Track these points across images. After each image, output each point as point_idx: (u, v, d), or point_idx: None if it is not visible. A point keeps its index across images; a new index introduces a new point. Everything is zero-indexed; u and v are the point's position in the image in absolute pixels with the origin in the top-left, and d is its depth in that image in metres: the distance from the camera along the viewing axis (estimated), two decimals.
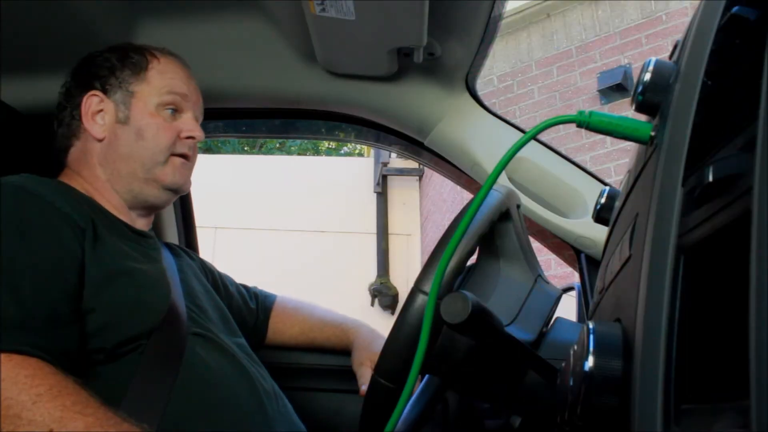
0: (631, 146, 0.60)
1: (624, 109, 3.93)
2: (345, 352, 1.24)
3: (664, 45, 3.95)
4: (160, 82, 1.07)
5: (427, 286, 0.72)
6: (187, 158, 1.09)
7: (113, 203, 1.05)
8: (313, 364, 1.31)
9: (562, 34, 4.53)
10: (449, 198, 5.25)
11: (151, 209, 1.11)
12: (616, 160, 3.91)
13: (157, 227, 1.50)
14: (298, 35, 1.18)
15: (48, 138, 1.14)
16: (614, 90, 4.06)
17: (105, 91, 1.06)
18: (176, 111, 1.07)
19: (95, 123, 1.06)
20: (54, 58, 1.19)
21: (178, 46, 1.15)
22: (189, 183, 1.10)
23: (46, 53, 1.22)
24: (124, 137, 1.04)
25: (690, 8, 3.94)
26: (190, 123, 1.08)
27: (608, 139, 3.92)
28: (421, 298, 0.72)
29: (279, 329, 1.31)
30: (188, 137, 1.07)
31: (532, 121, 4.43)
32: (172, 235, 1.58)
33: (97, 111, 1.06)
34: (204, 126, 1.13)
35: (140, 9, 1.21)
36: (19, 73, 1.24)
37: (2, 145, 1.23)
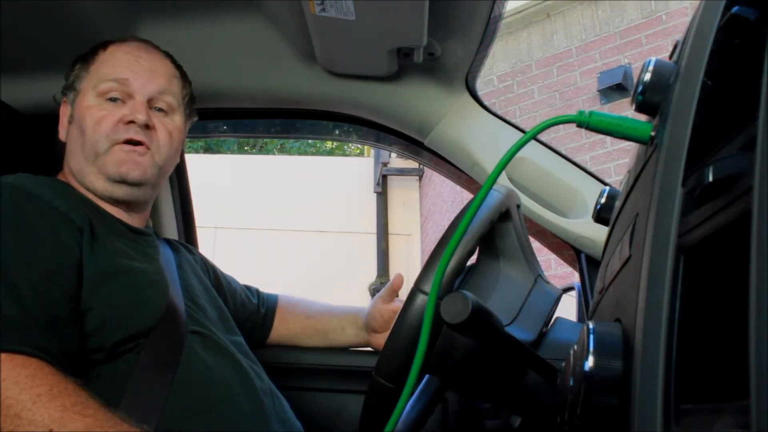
0: (631, 146, 0.60)
1: (624, 109, 3.94)
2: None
3: (664, 45, 3.96)
4: (99, 72, 1.04)
5: (427, 286, 0.72)
6: (137, 144, 1.01)
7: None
8: (313, 364, 1.31)
9: (562, 34, 4.53)
10: (449, 198, 5.25)
11: (126, 205, 1.04)
12: (616, 160, 3.91)
13: (156, 226, 1.50)
14: (298, 35, 1.18)
15: (48, 138, 1.14)
16: (614, 90, 4.07)
17: (66, 95, 1.08)
18: (120, 99, 1.02)
19: (63, 128, 1.08)
20: (54, 58, 1.19)
21: (178, 46, 1.15)
22: (141, 172, 1.01)
23: (46, 53, 1.22)
24: (71, 135, 1.05)
25: (690, 8, 3.94)
26: (134, 106, 1.01)
27: (608, 139, 3.92)
28: (421, 298, 0.72)
29: (286, 326, 1.31)
30: (129, 121, 1.00)
31: (532, 121, 4.43)
32: (171, 233, 1.58)
33: (65, 116, 1.08)
34: (204, 126, 1.13)
35: (140, 9, 1.21)
36: (19, 73, 1.24)
37: (2, 145, 1.23)
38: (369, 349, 1.31)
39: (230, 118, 1.51)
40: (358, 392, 1.14)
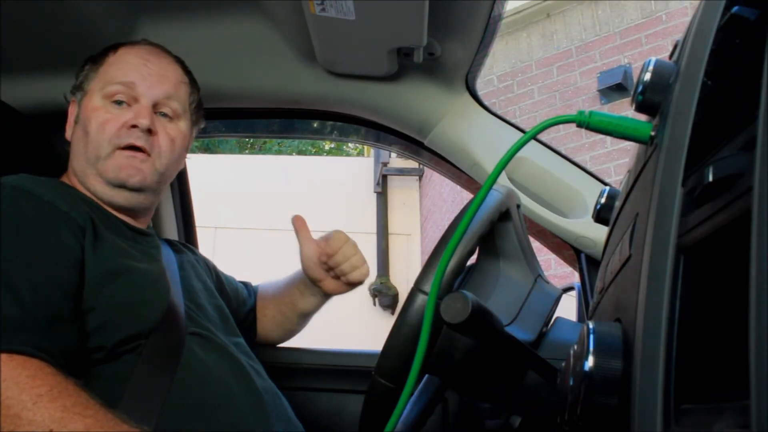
0: (631, 146, 0.60)
1: (624, 109, 3.94)
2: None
3: (664, 45, 3.96)
4: (107, 74, 1.04)
5: (427, 286, 0.72)
6: (139, 150, 1.01)
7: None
8: (314, 364, 1.31)
9: (562, 33, 4.53)
10: (449, 198, 5.25)
11: (126, 210, 1.04)
12: (616, 159, 3.91)
13: (157, 226, 1.50)
14: (298, 35, 1.18)
15: (48, 138, 1.14)
16: (614, 90, 4.07)
17: (74, 96, 1.08)
18: (125, 102, 1.02)
19: (69, 128, 1.08)
20: (54, 58, 1.19)
21: (178, 46, 1.15)
22: (140, 178, 1.01)
23: (46, 53, 1.22)
24: (76, 136, 1.05)
25: (690, 8, 3.94)
26: (137, 111, 1.01)
27: (608, 138, 3.92)
28: (421, 298, 0.72)
29: (264, 306, 1.30)
30: (132, 126, 1.00)
31: (532, 121, 4.43)
32: (171, 233, 1.58)
33: (73, 116, 1.08)
34: (204, 126, 1.13)
35: (140, 9, 1.21)
36: (19, 73, 1.24)
37: (2, 145, 1.23)
38: (369, 349, 1.31)
39: (230, 118, 1.51)
40: (358, 392, 1.14)
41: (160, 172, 1.04)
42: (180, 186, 1.61)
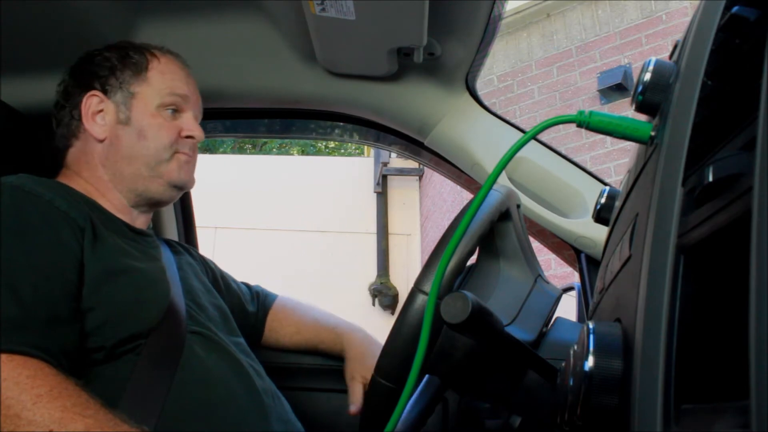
0: (630, 146, 0.60)
1: (624, 109, 3.94)
2: (339, 357, 1.23)
3: (664, 45, 3.96)
4: (161, 82, 1.07)
5: (427, 287, 0.72)
6: (189, 156, 1.10)
7: (114, 203, 1.05)
8: (314, 364, 1.31)
9: (562, 33, 4.54)
10: (449, 198, 5.25)
11: (155, 206, 1.12)
12: (616, 159, 3.91)
13: (156, 226, 1.50)
14: (298, 35, 1.18)
15: (48, 138, 1.14)
16: (614, 90, 4.07)
17: (105, 92, 1.06)
18: (176, 111, 1.08)
19: (95, 123, 1.05)
20: (54, 58, 1.18)
21: (178, 46, 1.15)
22: (193, 180, 1.11)
23: (46, 53, 1.22)
24: (125, 138, 1.04)
25: (690, 8, 3.95)
26: (190, 122, 1.09)
27: (608, 138, 3.93)
28: (421, 299, 0.72)
29: (275, 329, 1.30)
30: (188, 136, 1.08)
31: (532, 121, 4.43)
32: (171, 233, 1.58)
33: (97, 111, 1.05)
34: (204, 126, 1.13)
35: (140, 9, 1.21)
36: (19, 73, 1.24)
37: (2, 145, 1.23)
38: None
39: (230, 118, 1.51)
40: None
41: None
42: None
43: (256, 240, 6.26)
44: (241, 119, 1.52)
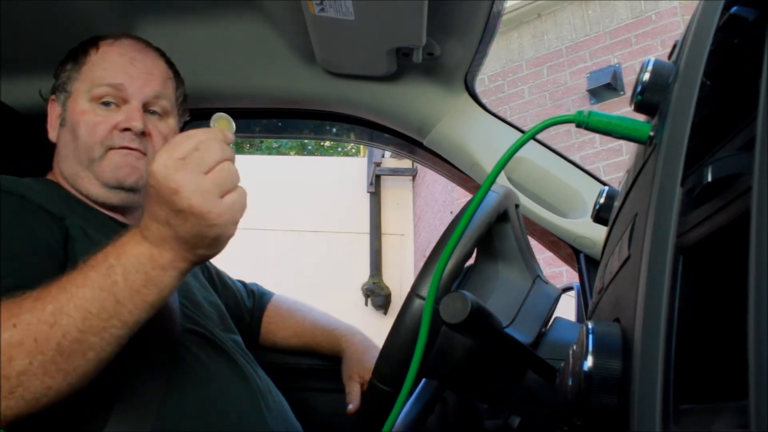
0: (620, 146, 0.60)
1: (614, 109, 3.96)
2: (337, 358, 1.24)
3: (654, 44, 3.98)
4: (92, 75, 1.00)
5: (424, 291, 0.71)
6: (133, 150, 0.99)
7: (93, 200, 1.01)
8: (313, 364, 1.31)
9: (552, 33, 4.55)
10: (440, 198, 5.25)
11: (121, 210, 1.02)
12: (606, 159, 3.91)
13: None
14: (297, 35, 1.18)
15: (48, 138, 1.14)
16: (604, 89, 4.09)
17: (56, 95, 1.05)
18: (114, 103, 0.99)
19: (52, 128, 1.05)
20: (54, 58, 1.18)
21: (177, 46, 1.15)
22: (137, 177, 0.99)
23: (46, 53, 1.21)
24: (63, 139, 1.02)
25: (679, 8, 3.96)
26: (130, 112, 0.98)
27: (597, 139, 3.94)
28: (418, 303, 0.72)
29: (272, 330, 1.30)
30: (125, 129, 0.98)
31: (522, 120, 4.43)
32: None
33: (56, 116, 1.04)
34: (203, 126, 1.12)
35: (140, 9, 1.21)
36: (19, 73, 1.24)
37: (2, 145, 1.23)
38: None
39: None
40: None
41: None
42: None
43: (249, 239, 6.21)
44: (241, 119, 1.52)
